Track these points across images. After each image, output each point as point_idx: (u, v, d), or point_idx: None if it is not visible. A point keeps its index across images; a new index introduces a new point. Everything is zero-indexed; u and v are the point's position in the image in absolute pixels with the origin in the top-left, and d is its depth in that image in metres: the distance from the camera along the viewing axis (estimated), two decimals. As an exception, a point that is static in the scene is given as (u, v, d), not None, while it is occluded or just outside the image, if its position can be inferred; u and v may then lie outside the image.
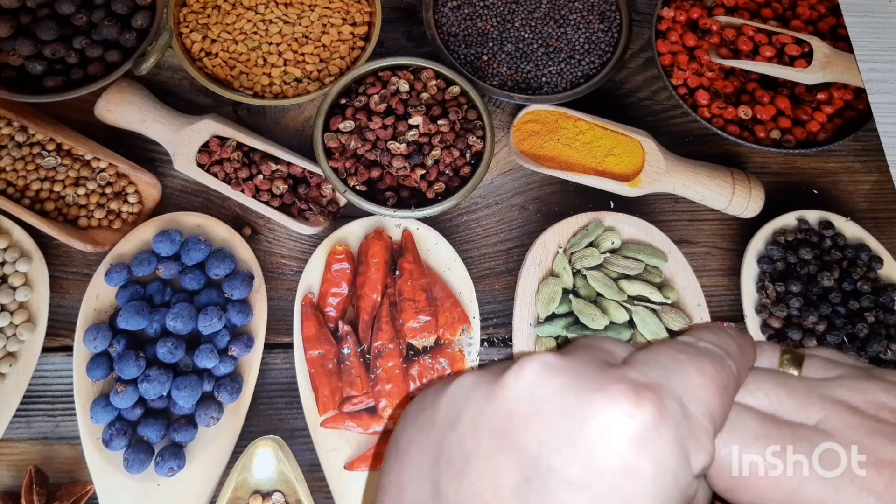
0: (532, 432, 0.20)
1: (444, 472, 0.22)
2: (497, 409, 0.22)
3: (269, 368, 0.53)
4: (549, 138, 0.58)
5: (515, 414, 0.21)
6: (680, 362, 0.23)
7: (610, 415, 0.20)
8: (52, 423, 0.51)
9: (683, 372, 0.23)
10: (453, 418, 0.23)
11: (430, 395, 0.25)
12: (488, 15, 0.63)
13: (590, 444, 0.20)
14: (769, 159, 0.61)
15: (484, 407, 0.22)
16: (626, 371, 0.22)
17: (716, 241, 0.59)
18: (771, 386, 0.26)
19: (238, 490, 0.48)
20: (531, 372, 0.22)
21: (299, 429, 0.51)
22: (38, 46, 0.56)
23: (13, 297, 0.52)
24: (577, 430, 0.20)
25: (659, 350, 0.24)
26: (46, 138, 0.55)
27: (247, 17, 0.61)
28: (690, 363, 0.23)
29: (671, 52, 0.63)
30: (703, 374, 0.23)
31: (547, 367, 0.22)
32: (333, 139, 0.54)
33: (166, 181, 0.57)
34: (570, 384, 0.21)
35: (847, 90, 0.61)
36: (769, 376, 0.26)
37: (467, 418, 0.22)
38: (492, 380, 0.23)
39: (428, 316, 0.52)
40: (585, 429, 0.20)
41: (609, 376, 0.21)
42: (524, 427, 0.21)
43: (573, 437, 0.20)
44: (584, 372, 0.22)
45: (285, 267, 0.56)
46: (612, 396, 0.20)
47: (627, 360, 0.23)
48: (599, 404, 0.20)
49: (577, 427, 0.20)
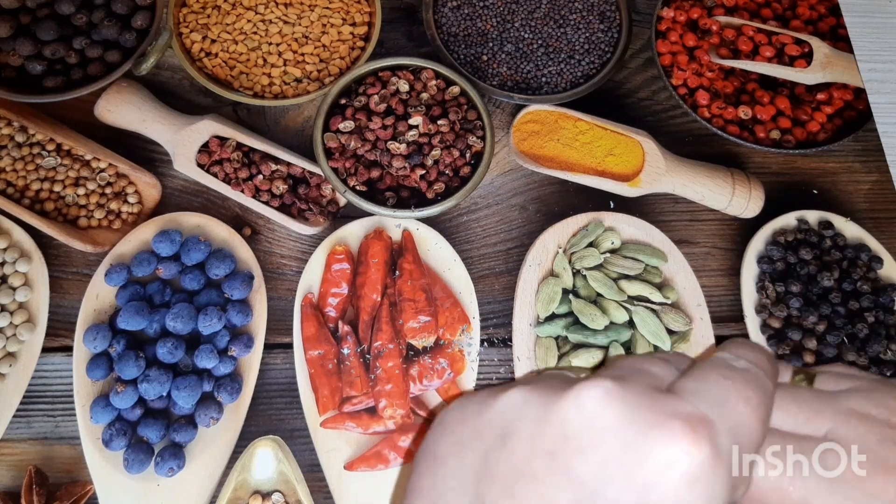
0: (587, 460, 0.21)
1: (490, 487, 0.22)
2: (552, 432, 0.22)
3: (268, 368, 0.53)
4: (549, 138, 0.58)
5: (571, 439, 0.22)
6: (727, 391, 0.23)
7: (667, 452, 0.21)
8: (52, 424, 0.51)
9: (732, 404, 0.23)
10: (504, 434, 0.23)
11: (474, 405, 0.25)
12: (488, 15, 0.63)
13: (645, 478, 0.20)
14: (769, 159, 0.61)
15: (539, 427, 0.22)
16: (681, 404, 0.22)
17: (716, 241, 0.59)
18: (779, 399, 0.26)
19: (238, 490, 0.48)
20: (590, 399, 0.22)
21: (299, 429, 0.51)
22: (38, 46, 0.56)
23: (13, 297, 0.52)
24: (634, 463, 0.21)
25: (705, 377, 0.24)
26: (46, 138, 0.55)
27: (247, 17, 0.61)
28: (737, 393, 0.24)
29: (671, 53, 0.63)
30: (749, 404, 0.23)
31: (607, 395, 0.22)
32: (333, 139, 0.54)
33: (166, 181, 0.57)
34: (629, 416, 0.22)
35: (847, 90, 0.61)
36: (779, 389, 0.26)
37: (519, 436, 0.22)
38: (547, 400, 0.23)
39: (428, 316, 0.52)
40: (642, 463, 0.21)
41: (665, 410, 0.22)
42: (580, 454, 0.21)
43: (629, 469, 0.21)
44: (641, 403, 0.22)
45: (285, 267, 0.56)
46: (670, 433, 0.21)
47: (676, 388, 0.24)
48: (657, 440, 0.21)
49: (635, 460, 0.21)
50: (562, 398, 0.22)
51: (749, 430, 0.23)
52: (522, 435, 0.22)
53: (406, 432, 0.50)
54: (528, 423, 0.23)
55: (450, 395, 0.52)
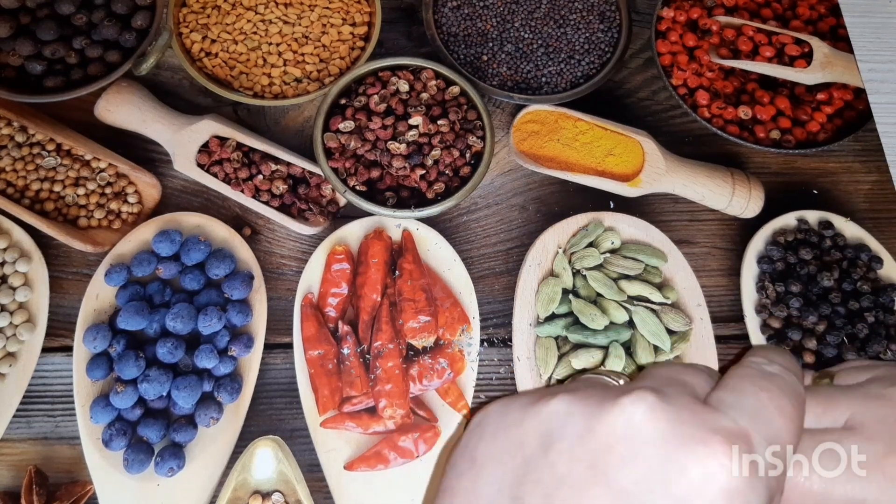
0: (629, 471, 0.22)
1: (530, 493, 0.23)
2: (596, 443, 0.22)
3: (268, 368, 0.53)
4: (549, 138, 0.58)
5: (614, 451, 0.22)
6: (763, 402, 0.24)
7: (707, 466, 0.21)
8: (52, 423, 0.51)
9: (768, 415, 0.24)
10: (546, 443, 0.23)
11: (516, 411, 0.25)
12: (488, 15, 0.63)
13: (685, 490, 0.21)
14: (769, 159, 0.61)
15: (582, 438, 0.23)
16: (720, 418, 0.23)
17: (716, 241, 0.59)
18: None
19: (238, 490, 0.48)
20: (635, 413, 0.23)
21: (299, 429, 0.51)
22: (38, 46, 0.56)
23: (13, 298, 0.52)
24: (675, 476, 0.21)
25: (741, 389, 0.25)
26: (46, 138, 0.55)
27: (247, 17, 0.61)
28: (772, 403, 0.24)
29: (671, 53, 0.63)
30: (783, 413, 0.24)
31: (651, 410, 0.23)
32: (333, 139, 0.54)
33: (166, 181, 0.57)
34: (671, 430, 0.22)
35: (847, 90, 0.61)
36: None
37: (562, 446, 0.23)
38: (592, 411, 0.23)
39: (428, 316, 0.52)
40: (682, 476, 0.21)
41: (706, 425, 0.22)
42: (622, 465, 0.22)
43: (670, 481, 0.21)
44: (682, 418, 0.23)
45: (285, 267, 0.56)
46: (709, 448, 0.22)
47: (713, 400, 0.24)
48: (698, 454, 0.21)
49: (675, 473, 0.21)
50: (607, 411, 0.23)
51: (785, 439, 0.24)
52: (565, 444, 0.23)
53: (406, 432, 0.50)
54: (572, 433, 0.23)
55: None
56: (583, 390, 0.25)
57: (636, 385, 0.24)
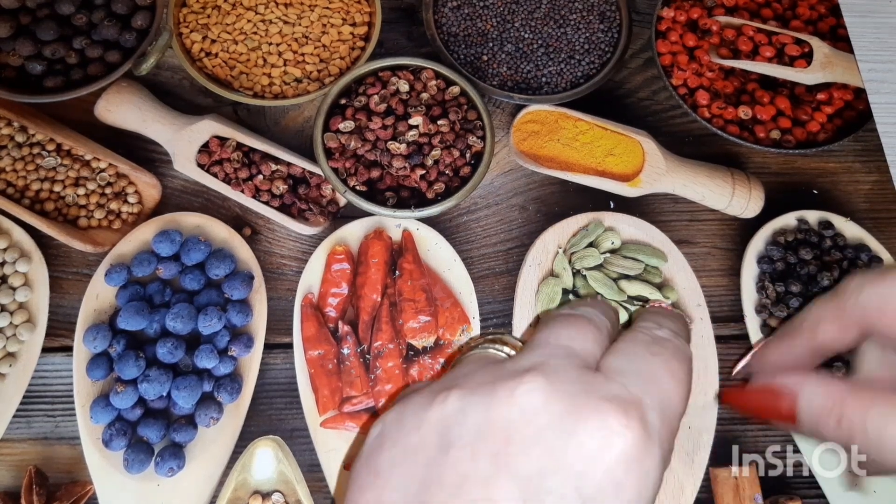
0: (531, 456, 0.22)
1: (435, 496, 0.22)
2: (494, 436, 0.22)
3: (268, 368, 0.53)
4: (549, 138, 0.58)
5: (514, 441, 0.22)
6: (654, 367, 0.25)
7: (602, 436, 0.21)
8: (52, 424, 0.51)
9: (659, 380, 0.24)
10: (445, 444, 0.23)
11: (411, 416, 0.25)
12: (488, 15, 0.63)
13: (584, 463, 0.21)
14: (769, 159, 0.61)
15: (480, 433, 0.23)
16: (611, 386, 0.23)
17: (716, 241, 0.59)
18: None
19: (238, 490, 0.48)
20: (528, 401, 0.23)
21: (299, 429, 0.51)
22: (38, 46, 0.56)
23: (13, 298, 0.52)
24: (573, 452, 0.21)
25: (632, 354, 0.25)
26: (46, 138, 0.55)
27: (247, 17, 0.61)
28: (663, 368, 0.25)
29: (671, 53, 0.63)
30: (675, 378, 0.25)
31: (543, 394, 0.23)
32: (333, 139, 0.54)
33: (166, 181, 0.57)
34: (565, 408, 0.22)
35: (847, 90, 0.61)
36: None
37: (462, 443, 0.23)
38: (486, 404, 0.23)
39: (428, 316, 0.52)
40: (580, 450, 0.21)
41: (597, 394, 0.23)
42: (523, 452, 0.22)
43: (569, 458, 0.21)
44: (574, 392, 0.23)
45: (285, 267, 0.56)
46: (603, 418, 0.22)
47: (604, 367, 0.25)
48: (592, 426, 0.22)
49: (573, 449, 0.21)
50: (501, 402, 0.23)
51: (676, 403, 0.24)
52: (465, 442, 0.23)
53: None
54: (470, 429, 0.23)
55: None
56: (474, 379, 0.25)
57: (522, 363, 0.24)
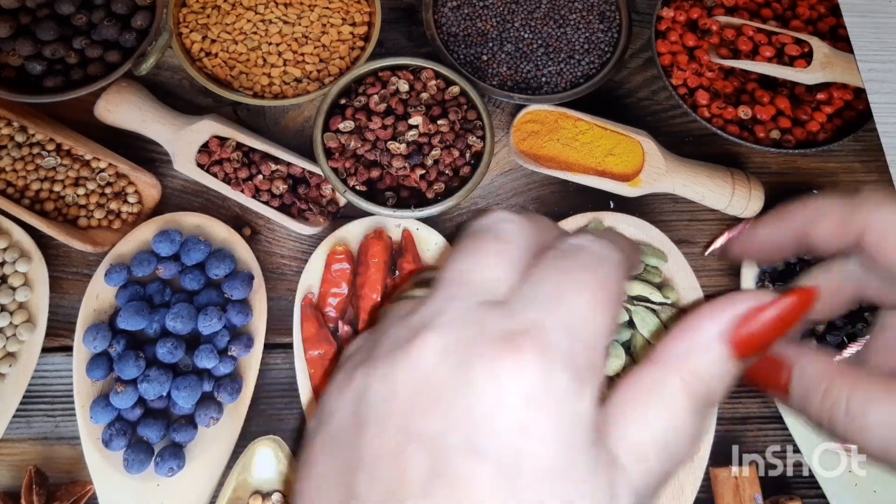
0: (433, 417, 0.20)
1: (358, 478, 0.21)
2: (398, 407, 0.21)
3: (268, 368, 0.53)
4: (548, 138, 0.58)
5: (416, 405, 0.20)
6: (559, 284, 0.21)
7: (497, 380, 0.19)
8: (52, 424, 0.51)
9: (564, 296, 0.21)
10: (360, 423, 0.22)
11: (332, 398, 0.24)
12: (488, 15, 0.63)
13: (484, 413, 0.19)
14: (769, 159, 0.61)
15: (385, 408, 0.21)
16: (506, 321, 0.20)
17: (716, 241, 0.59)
18: None
19: (238, 490, 0.48)
20: (422, 361, 0.21)
21: (299, 429, 0.51)
22: (37, 46, 0.56)
23: (13, 298, 0.52)
24: (472, 403, 0.20)
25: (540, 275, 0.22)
26: (46, 138, 0.55)
27: (247, 17, 0.61)
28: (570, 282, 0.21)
29: (671, 52, 0.63)
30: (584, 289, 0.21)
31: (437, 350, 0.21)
32: (333, 139, 0.54)
33: (166, 181, 0.57)
34: (459, 359, 0.20)
35: (847, 90, 0.61)
36: None
37: (372, 420, 0.22)
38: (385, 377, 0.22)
39: (428, 316, 0.52)
40: (478, 399, 0.20)
41: (489, 336, 0.20)
42: (425, 414, 0.20)
43: (469, 410, 0.19)
44: (468, 339, 0.20)
45: (285, 267, 0.56)
46: (493, 359, 0.20)
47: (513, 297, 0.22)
48: (486, 371, 0.20)
49: (471, 400, 0.20)
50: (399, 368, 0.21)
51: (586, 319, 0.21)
52: (374, 418, 0.21)
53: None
54: (377, 405, 0.21)
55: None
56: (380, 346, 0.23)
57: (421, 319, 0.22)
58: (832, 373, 0.25)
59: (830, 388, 0.24)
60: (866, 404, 0.24)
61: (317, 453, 0.23)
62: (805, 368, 0.25)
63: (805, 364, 0.25)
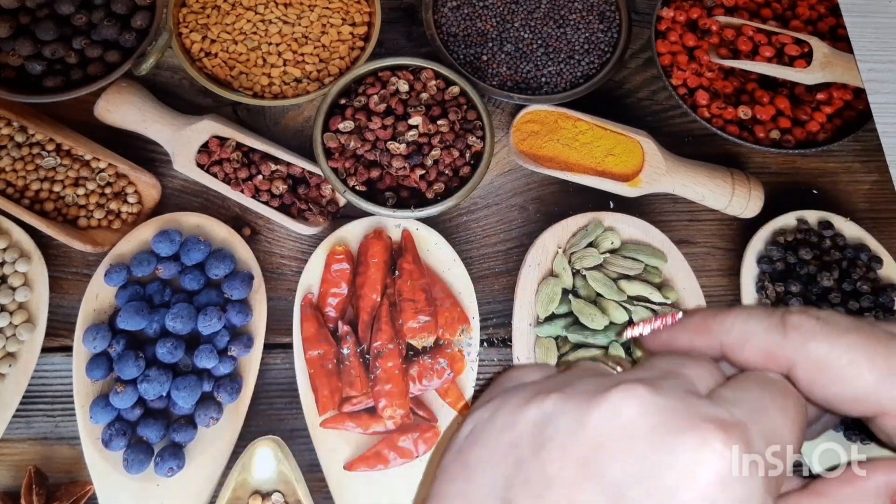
0: (619, 463, 0.21)
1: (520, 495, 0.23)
2: (586, 441, 0.22)
3: (268, 369, 0.53)
4: (548, 138, 0.58)
5: (605, 447, 0.22)
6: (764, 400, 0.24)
7: (698, 452, 0.21)
8: (52, 424, 0.51)
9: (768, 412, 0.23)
10: (538, 444, 0.23)
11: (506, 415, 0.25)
12: (488, 15, 0.63)
13: (675, 478, 0.21)
14: (769, 159, 0.61)
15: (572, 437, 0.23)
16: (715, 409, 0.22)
17: (715, 241, 0.59)
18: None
19: (238, 490, 0.48)
20: (624, 407, 0.22)
21: (299, 429, 0.51)
22: (37, 46, 0.56)
23: (13, 298, 0.52)
24: (665, 465, 0.21)
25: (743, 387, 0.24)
26: (46, 138, 0.55)
27: (246, 17, 0.61)
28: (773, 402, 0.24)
29: (671, 53, 0.63)
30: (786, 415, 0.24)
31: (641, 404, 0.22)
32: (333, 139, 0.54)
33: (166, 181, 0.57)
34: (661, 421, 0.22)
35: (847, 90, 0.61)
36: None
37: (553, 445, 0.23)
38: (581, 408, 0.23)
39: (427, 316, 0.52)
40: (672, 463, 0.21)
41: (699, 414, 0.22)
42: (612, 460, 0.21)
43: (660, 470, 0.21)
44: (674, 408, 0.22)
45: (285, 267, 0.56)
46: (700, 434, 0.21)
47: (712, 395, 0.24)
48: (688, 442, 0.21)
49: (665, 461, 0.21)
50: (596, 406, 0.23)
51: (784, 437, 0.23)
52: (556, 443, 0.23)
53: (406, 432, 0.50)
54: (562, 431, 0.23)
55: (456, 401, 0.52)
56: (575, 385, 0.24)
57: (628, 376, 0.24)
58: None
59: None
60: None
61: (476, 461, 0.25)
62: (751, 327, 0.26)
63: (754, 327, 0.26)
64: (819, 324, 0.26)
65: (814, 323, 0.26)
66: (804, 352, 0.25)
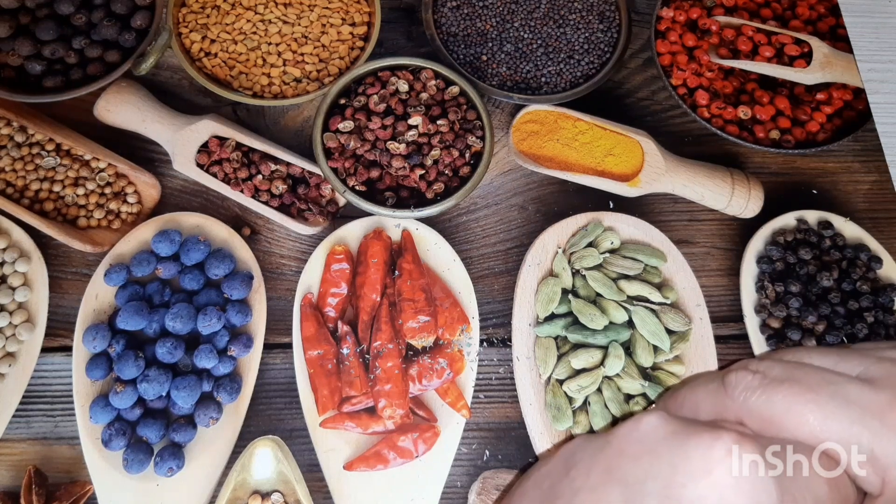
0: (639, 464, 0.23)
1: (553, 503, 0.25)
2: (609, 453, 0.25)
3: (268, 368, 0.53)
4: (548, 138, 0.58)
5: (626, 454, 0.24)
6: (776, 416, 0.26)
7: (714, 449, 0.22)
8: (52, 424, 0.51)
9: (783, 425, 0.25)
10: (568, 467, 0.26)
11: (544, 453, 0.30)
12: (488, 15, 0.63)
13: (690, 473, 0.22)
14: (768, 159, 0.61)
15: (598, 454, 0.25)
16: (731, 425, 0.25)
17: (715, 241, 0.59)
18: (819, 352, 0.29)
19: (237, 490, 0.48)
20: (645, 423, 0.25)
21: (298, 429, 0.51)
22: (37, 46, 0.56)
23: (12, 298, 0.52)
24: (681, 461, 0.22)
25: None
26: (46, 138, 0.55)
27: (246, 17, 0.61)
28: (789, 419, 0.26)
29: (671, 53, 0.63)
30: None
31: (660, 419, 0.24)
32: (333, 139, 0.54)
33: (166, 181, 0.57)
34: (678, 430, 0.24)
35: (846, 90, 0.61)
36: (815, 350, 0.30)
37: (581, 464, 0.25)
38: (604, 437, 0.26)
39: (427, 316, 0.52)
40: (688, 460, 0.22)
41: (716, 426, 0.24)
42: (632, 462, 0.23)
43: (676, 466, 0.22)
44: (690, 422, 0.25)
45: (284, 267, 0.56)
46: (717, 435, 0.23)
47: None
48: (706, 440, 0.23)
49: (681, 458, 0.22)
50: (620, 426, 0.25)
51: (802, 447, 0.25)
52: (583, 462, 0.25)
53: (405, 432, 0.50)
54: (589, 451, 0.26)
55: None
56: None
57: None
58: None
59: None
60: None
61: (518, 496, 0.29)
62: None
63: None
64: (756, 378, 0.27)
65: (750, 379, 0.27)
66: (746, 408, 0.27)
